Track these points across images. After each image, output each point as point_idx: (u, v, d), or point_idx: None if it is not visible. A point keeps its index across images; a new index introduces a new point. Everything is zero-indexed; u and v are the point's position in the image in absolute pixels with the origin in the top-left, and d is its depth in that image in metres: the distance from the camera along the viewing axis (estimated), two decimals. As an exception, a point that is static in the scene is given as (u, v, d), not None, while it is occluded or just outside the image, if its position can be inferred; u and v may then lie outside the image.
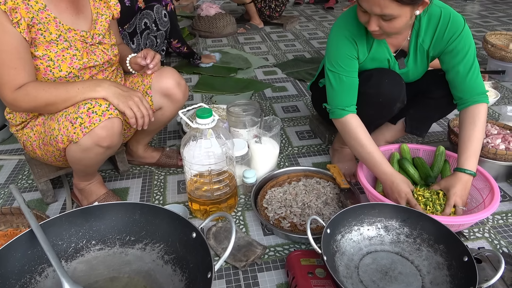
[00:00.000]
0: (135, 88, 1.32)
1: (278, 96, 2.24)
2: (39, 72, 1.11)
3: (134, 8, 2.05)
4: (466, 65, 1.21)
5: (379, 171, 1.23)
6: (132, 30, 2.08)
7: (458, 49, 1.21)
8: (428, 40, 1.25)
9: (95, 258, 0.93)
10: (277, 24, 3.70)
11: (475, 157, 1.19)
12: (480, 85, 1.23)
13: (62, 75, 1.12)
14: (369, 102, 1.28)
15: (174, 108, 1.36)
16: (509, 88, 2.29)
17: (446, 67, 1.26)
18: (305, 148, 1.72)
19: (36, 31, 1.07)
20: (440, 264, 0.99)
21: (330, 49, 1.28)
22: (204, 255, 0.82)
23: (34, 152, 1.24)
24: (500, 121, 1.78)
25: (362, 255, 1.05)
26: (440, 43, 1.23)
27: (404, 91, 1.30)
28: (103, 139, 1.07)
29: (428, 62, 1.32)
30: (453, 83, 1.26)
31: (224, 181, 1.24)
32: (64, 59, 1.12)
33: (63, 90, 1.07)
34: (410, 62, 1.32)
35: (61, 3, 1.13)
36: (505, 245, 1.20)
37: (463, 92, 1.24)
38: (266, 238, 1.23)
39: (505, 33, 2.50)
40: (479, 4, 4.55)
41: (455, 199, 1.16)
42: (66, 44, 1.13)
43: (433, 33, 1.23)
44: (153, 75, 1.31)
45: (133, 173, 1.56)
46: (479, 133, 1.20)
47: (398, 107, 1.32)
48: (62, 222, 0.91)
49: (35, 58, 1.09)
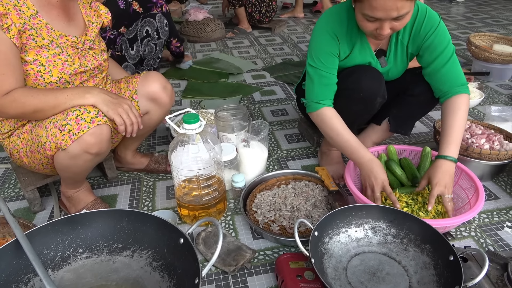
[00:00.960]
0: (121, 94, 1.31)
1: (267, 99, 2.25)
2: (29, 78, 1.10)
3: (129, 11, 2.07)
4: (444, 58, 1.24)
5: (357, 157, 1.24)
6: (132, 36, 2.11)
7: (435, 44, 1.24)
8: (407, 36, 1.29)
9: (82, 267, 0.93)
10: (266, 28, 3.72)
11: (455, 144, 1.20)
12: (460, 77, 1.26)
13: (53, 81, 1.12)
14: (350, 97, 1.31)
15: (161, 112, 1.36)
16: (493, 88, 2.33)
17: (425, 62, 1.29)
18: (294, 151, 1.73)
19: (27, 36, 1.06)
20: (426, 264, 1.00)
21: (312, 44, 1.31)
22: (191, 260, 0.82)
23: (21, 160, 1.23)
24: (485, 121, 1.81)
25: (350, 256, 1.06)
26: (417, 39, 1.27)
27: (384, 86, 1.33)
28: (91, 146, 1.07)
29: (407, 59, 1.35)
30: (434, 77, 1.28)
31: (212, 186, 1.24)
32: (56, 65, 1.11)
33: (52, 96, 1.07)
34: (391, 60, 1.35)
35: (53, 10, 1.13)
36: (491, 243, 1.22)
37: (443, 84, 1.26)
38: (255, 242, 1.23)
39: (488, 35, 2.55)
40: (464, 6, 4.62)
41: (439, 189, 1.16)
42: (58, 50, 1.12)
43: (410, 29, 1.26)
44: (138, 80, 1.31)
45: (122, 179, 1.56)
46: (459, 121, 1.21)
47: (379, 102, 1.34)
48: (48, 231, 0.90)
49: (25, 63, 1.08)
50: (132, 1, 2.07)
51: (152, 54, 2.27)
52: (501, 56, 2.28)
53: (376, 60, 1.34)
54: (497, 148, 1.45)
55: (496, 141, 1.47)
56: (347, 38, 1.27)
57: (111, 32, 2.01)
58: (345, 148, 1.26)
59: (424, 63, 1.30)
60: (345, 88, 1.30)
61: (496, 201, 1.40)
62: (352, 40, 1.28)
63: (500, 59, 2.30)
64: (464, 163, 1.37)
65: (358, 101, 1.31)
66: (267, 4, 3.56)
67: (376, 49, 1.34)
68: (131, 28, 2.10)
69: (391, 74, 1.39)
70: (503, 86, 2.35)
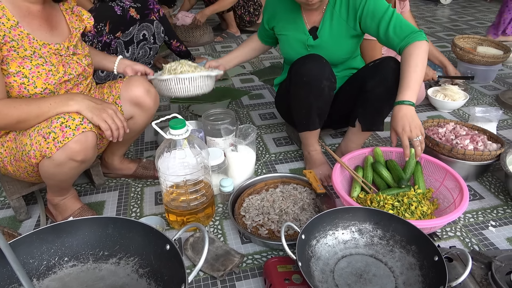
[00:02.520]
0: (104, 99, 1.31)
1: (255, 103, 2.26)
2: (13, 90, 1.09)
3: (126, 17, 2.08)
4: (386, 18, 1.30)
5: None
6: (128, 39, 2.13)
7: (372, 8, 1.32)
8: (344, 11, 1.39)
9: (68, 275, 0.92)
10: (254, 31, 3.73)
11: (410, 89, 1.22)
12: (408, 27, 1.28)
13: (38, 92, 1.11)
14: (297, 84, 1.38)
15: (145, 117, 1.36)
16: (478, 89, 2.37)
17: (373, 30, 1.35)
18: (282, 155, 1.74)
19: (8, 48, 1.05)
20: (412, 265, 1.01)
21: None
22: (178, 267, 0.82)
23: (6, 168, 1.22)
24: (469, 122, 1.84)
25: (337, 259, 1.07)
26: (353, 11, 1.37)
27: (329, 69, 1.37)
28: (77, 153, 1.06)
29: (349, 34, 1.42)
30: (387, 40, 1.33)
31: (200, 190, 1.24)
32: (39, 75, 1.11)
33: (35, 106, 1.05)
34: (325, 32, 1.43)
35: (34, 20, 1.12)
36: (476, 242, 1.24)
37: (395, 41, 1.30)
38: (244, 246, 1.24)
39: (472, 37, 2.60)
40: (449, 8, 4.70)
41: (405, 135, 1.19)
42: (41, 61, 1.11)
43: (347, 4, 1.38)
44: (121, 85, 1.31)
45: (109, 186, 1.55)
46: (412, 67, 1.22)
47: (326, 85, 1.37)
48: (33, 239, 0.89)
49: (8, 75, 1.07)
50: (129, 7, 2.08)
51: (145, 58, 2.29)
52: (484, 58, 2.32)
53: (308, 35, 1.46)
54: (481, 148, 1.48)
55: (480, 141, 1.49)
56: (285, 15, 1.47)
57: (107, 37, 2.02)
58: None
59: (373, 32, 1.36)
60: (291, 78, 1.40)
61: (480, 200, 1.43)
62: (288, 18, 1.47)
63: (484, 61, 2.34)
64: (449, 164, 1.39)
65: (304, 85, 1.36)
66: (254, 2, 3.56)
67: (311, 28, 1.46)
68: (128, 31, 2.12)
69: (325, 47, 1.45)
70: (487, 87, 2.40)
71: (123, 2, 2.09)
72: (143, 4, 2.16)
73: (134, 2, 2.12)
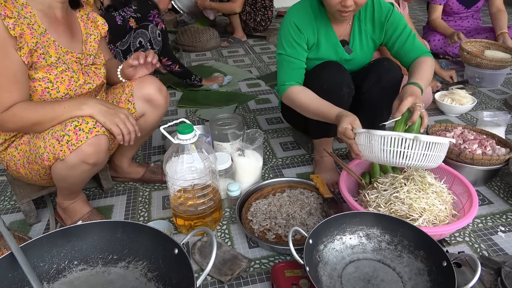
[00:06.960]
0: (117, 98, 1.33)
1: (262, 108, 2.27)
2: (36, 93, 1.13)
3: (126, 27, 2.10)
4: (406, 33, 1.39)
5: (330, 118, 1.27)
6: (125, 47, 2.14)
7: (395, 24, 1.39)
8: (370, 25, 1.40)
9: (77, 279, 0.93)
10: (260, 36, 3.75)
11: (420, 79, 1.26)
12: (422, 47, 1.39)
13: (59, 96, 1.15)
14: (317, 91, 1.36)
15: (156, 115, 1.37)
16: (485, 93, 2.35)
17: (392, 41, 1.41)
18: (289, 159, 1.74)
19: (38, 55, 1.09)
20: (420, 270, 1.01)
21: (279, 36, 1.44)
22: (186, 271, 0.83)
23: (18, 171, 1.24)
24: (477, 126, 1.83)
25: (345, 264, 1.07)
26: (379, 24, 1.41)
27: (348, 76, 1.39)
28: (89, 156, 1.08)
29: (374, 47, 1.45)
30: (401, 51, 1.40)
31: (208, 195, 1.24)
32: (63, 81, 1.15)
33: (50, 109, 1.08)
34: (356, 47, 1.43)
35: (59, 26, 1.16)
36: (485, 248, 1.23)
37: (409, 54, 1.38)
38: (251, 250, 1.24)
39: (479, 41, 2.58)
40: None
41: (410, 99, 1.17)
42: (64, 67, 1.16)
43: (372, 18, 1.41)
44: (134, 83, 1.32)
45: (118, 190, 1.56)
46: (423, 67, 1.31)
47: (346, 92, 1.38)
48: (43, 243, 0.91)
49: (33, 80, 1.11)
50: (129, 17, 2.10)
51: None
52: (492, 61, 2.31)
53: (341, 48, 1.43)
54: (489, 153, 1.47)
55: (488, 146, 1.48)
56: (311, 27, 1.39)
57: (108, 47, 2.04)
58: (318, 115, 1.31)
59: (389, 43, 1.42)
60: (310, 85, 1.38)
61: (489, 206, 1.41)
62: (317, 29, 1.40)
63: (491, 65, 2.32)
64: (457, 168, 1.39)
65: (324, 93, 1.35)
66: (262, 13, 3.58)
67: (340, 40, 1.43)
68: (124, 40, 2.12)
69: (357, 61, 1.47)
70: (495, 91, 2.38)
71: (125, 11, 2.10)
72: (143, 15, 2.15)
73: (135, 12, 2.12)
